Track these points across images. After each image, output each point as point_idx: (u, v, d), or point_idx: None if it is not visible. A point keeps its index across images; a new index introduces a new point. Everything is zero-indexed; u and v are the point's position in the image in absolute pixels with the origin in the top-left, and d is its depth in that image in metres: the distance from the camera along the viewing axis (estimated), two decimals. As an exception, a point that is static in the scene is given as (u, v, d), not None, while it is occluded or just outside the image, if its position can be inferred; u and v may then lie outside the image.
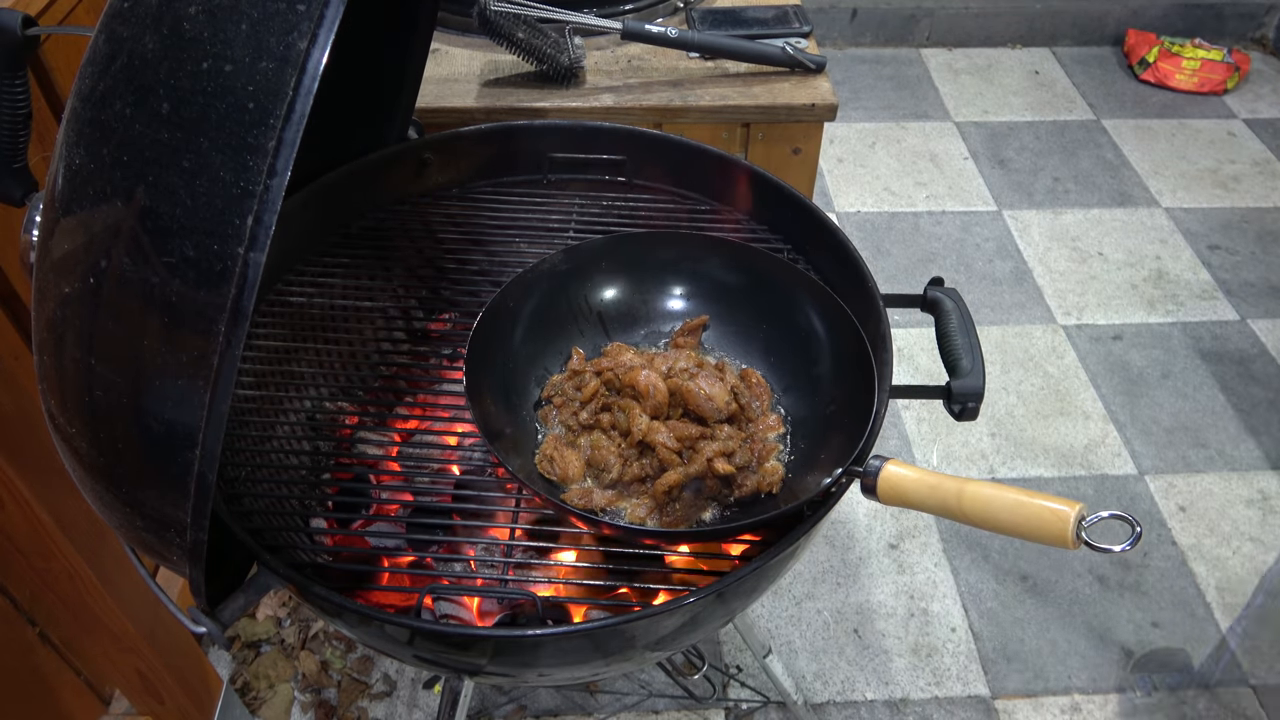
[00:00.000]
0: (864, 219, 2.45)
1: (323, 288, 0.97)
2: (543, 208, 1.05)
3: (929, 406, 1.97)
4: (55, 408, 0.58)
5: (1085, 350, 2.11)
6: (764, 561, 0.71)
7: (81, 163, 0.53)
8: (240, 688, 1.48)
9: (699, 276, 0.95)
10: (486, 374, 0.84)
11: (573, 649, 0.74)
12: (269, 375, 0.89)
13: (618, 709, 1.48)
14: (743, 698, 1.50)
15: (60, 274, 0.55)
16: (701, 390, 0.83)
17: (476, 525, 0.87)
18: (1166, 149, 2.71)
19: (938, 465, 1.88)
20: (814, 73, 1.27)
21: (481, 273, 0.99)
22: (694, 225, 1.03)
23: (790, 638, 1.60)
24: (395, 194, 1.06)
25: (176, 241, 0.50)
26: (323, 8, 0.49)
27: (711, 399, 0.83)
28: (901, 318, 2.10)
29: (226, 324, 0.49)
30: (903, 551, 1.73)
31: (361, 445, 0.91)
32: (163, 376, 0.52)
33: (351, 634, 0.79)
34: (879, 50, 3.09)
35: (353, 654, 1.55)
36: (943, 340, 0.84)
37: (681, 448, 0.81)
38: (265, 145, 0.48)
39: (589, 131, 1.07)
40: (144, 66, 0.52)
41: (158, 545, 0.59)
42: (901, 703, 1.52)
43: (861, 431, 0.76)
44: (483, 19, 1.18)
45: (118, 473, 0.57)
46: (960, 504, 0.63)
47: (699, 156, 1.04)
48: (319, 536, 0.82)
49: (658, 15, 1.39)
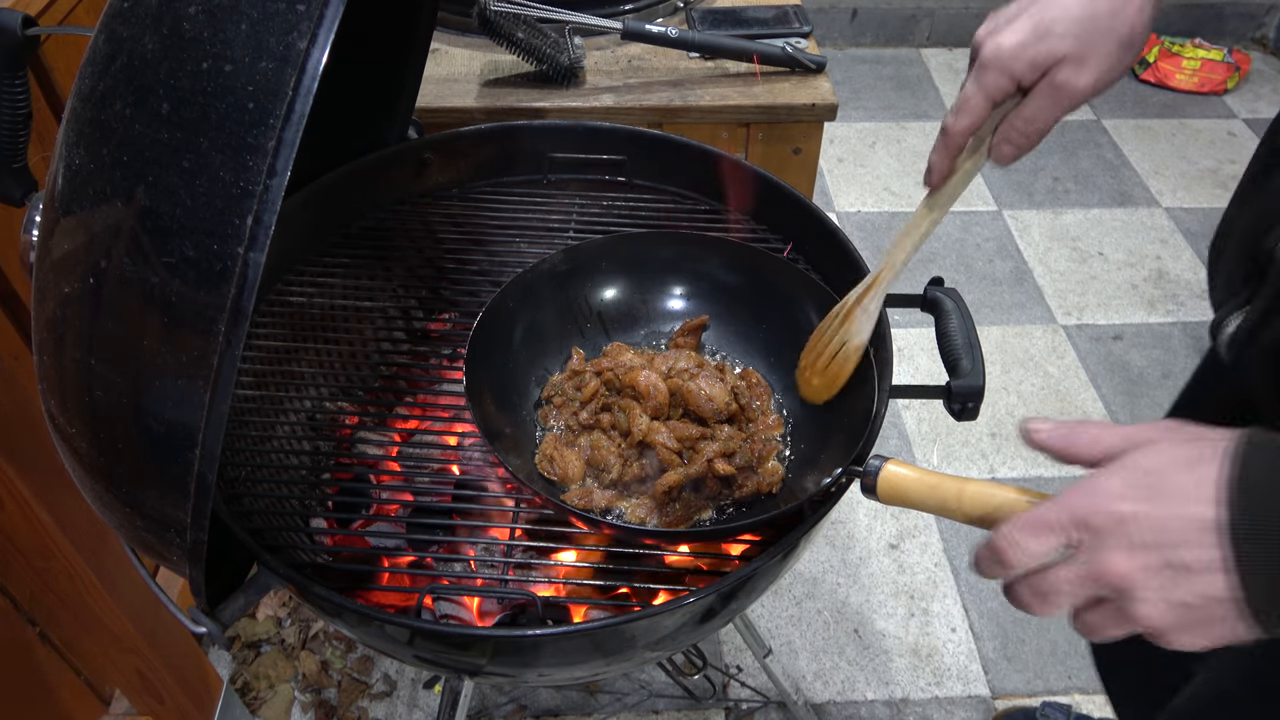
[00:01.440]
0: (864, 219, 2.45)
1: (323, 288, 0.97)
2: (543, 208, 1.05)
3: (929, 406, 1.97)
4: (55, 408, 0.58)
5: (1085, 350, 2.11)
6: (764, 561, 0.71)
7: (81, 163, 0.53)
8: (240, 688, 1.48)
9: (699, 276, 0.95)
10: (486, 374, 0.84)
11: (573, 649, 0.74)
12: (269, 375, 0.89)
13: (618, 709, 1.48)
14: (743, 698, 1.50)
15: (60, 274, 0.55)
16: (702, 391, 0.83)
17: (476, 525, 0.87)
18: (1167, 149, 2.71)
19: (938, 465, 1.88)
20: (814, 73, 1.27)
21: (481, 273, 0.99)
22: (694, 225, 1.03)
23: (790, 638, 1.60)
24: (395, 194, 1.06)
25: (176, 241, 0.50)
26: (322, 8, 0.49)
27: (712, 399, 0.83)
28: (901, 318, 2.10)
29: (226, 324, 0.49)
30: (903, 551, 1.73)
31: (361, 445, 0.91)
32: (163, 376, 0.52)
33: (351, 634, 0.79)
34: (879, 50, 3.09)
35: (353, 654, 1.55)
36: (943, 340, 0.84)
37: (681, 448, 0.81)
38: (265, 145, 0.48)
39: (589, 131, 1.07)
40: (144, 66, 0.52)
41: (158, 545, 0.59)
42: (901, 703, 1.52)
43: (861, 431, 0.76)
44: (483, 19, 1.18)
45: (118, 473, 0.57)
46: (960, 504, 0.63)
47: (699, 156, 1.04)
48: (319, 536, 0.82)
49: (658, 15, 1.39)
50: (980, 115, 0.66)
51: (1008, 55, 0.63)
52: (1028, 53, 0.62)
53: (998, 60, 0.63)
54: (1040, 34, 0.62)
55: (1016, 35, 0.62)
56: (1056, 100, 0.64)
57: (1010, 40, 0.62)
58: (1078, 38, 0.62)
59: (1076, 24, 0.62)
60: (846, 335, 0.81)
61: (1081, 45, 0.62)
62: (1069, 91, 0.63)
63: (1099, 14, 0.62)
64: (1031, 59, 0.62)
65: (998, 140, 0.67)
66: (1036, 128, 0.65)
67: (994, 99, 0.65)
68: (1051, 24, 0.62)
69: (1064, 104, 0.64)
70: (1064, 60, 0.62)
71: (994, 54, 0.63)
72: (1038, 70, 0.63)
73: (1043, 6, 0.63)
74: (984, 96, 0.64)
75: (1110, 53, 0.62)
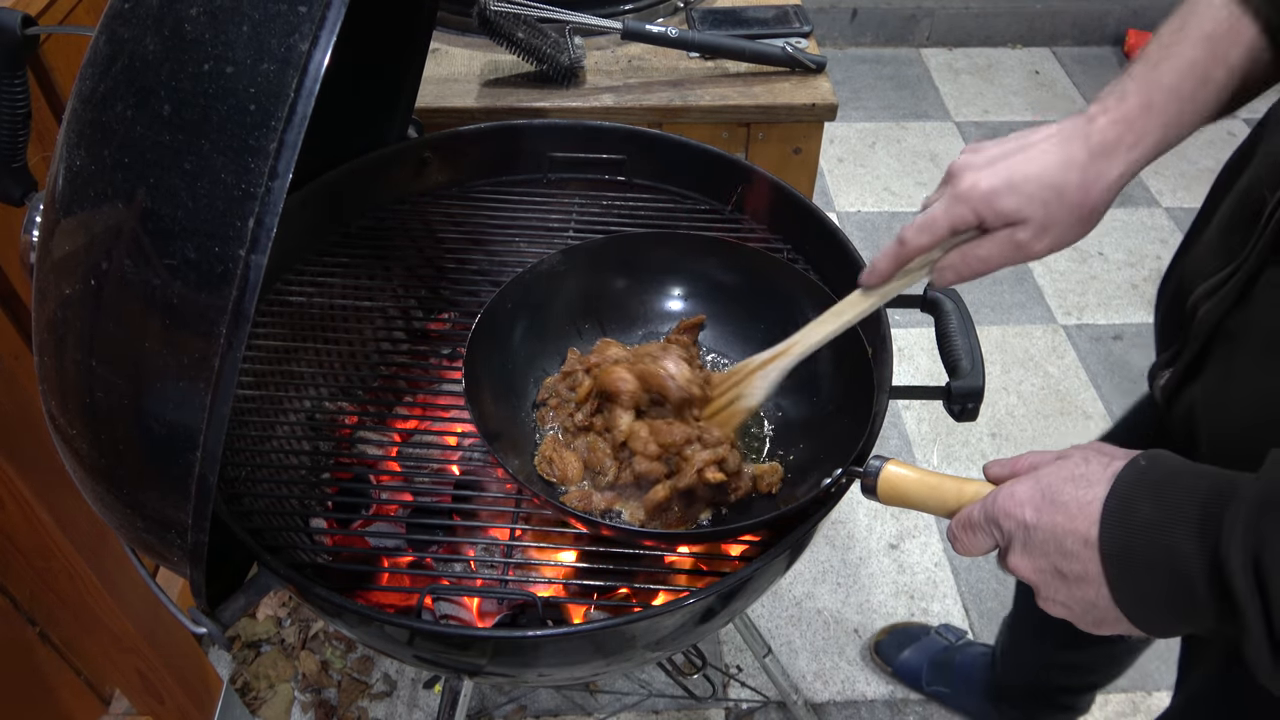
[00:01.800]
0: (864, 219, 2.45)
1: (323, 287, 0.97)
2: (543, 207, 1.05)
3: (929, 406, 1.97)
4: (56, 409, 0.58)
5: (1085, 350, 2.11)
6: (764, 561, 0.71)
7: (82, 164, 0.53)
8: (240, 688, 1.48)
9: (697, 277, 0.95)
10: (486, 374, 0.84)
11: (573, 649, 0.74)
12: (269, 375, 0.89)
13: (618, 709, 1.48)
14: (743, 698, 1.50)
15: (61, 275, 0.55)
16: (663, 370, 0.82)
17: (476, 525, 0.87)
18: (1166, 149, 2.71)
19: (938, 465, 1.88)
20: (814, 73, 1.27)
21: (481, 273, 0.99)
22: (694, 225, 1.03)
23: (790, 638, 1.60)
24: (395, 193, 1.06)
25: (178, 243, 0.50)
26: (324, 10, 0.49)
27: (673, 376, 0.82)
28: (901, 318, 2.10)
29: (228, 326, 0.49)
30: (903, 551, 1.73)
31: (361, 445, 0.91)
32: (164, 378, 0.52)
33: (351, 634, 0.79)
34: (879, 50, 3.09)
35: (353, 654, 1.55)
36: (942, 340, 0.84)
37: (664, 453, 0.80)
38: (267, 147, 0.48)
39: (589, 131, 1.07)
40: (145, 68, 0.52)
41: (158, 546, 0.59)
42: (902, 703, 1.52)
43: (861, 431, 0.76)
44: (483, 19, 1.18)
45: (118, 474, 0.57)
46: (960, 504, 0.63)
47: (699, 156, 1.04)
48: (319, 536, 0.82)
49: (658, 15, 1.39)
50: (940, 239, 0.69)
51: (979, 198, 0.66)
52: (1000, 202, 0.65)
53: (970, 199, 0.66)
54: (1013, 186, 0.65)
55: (992, 181, 0.65)
56: (1012, 254, 0.68)
57: (986, 184, 0.66)
58: (1045, 205, 0.65)
59: (1046, 190, 0.65)
60: (739, 394, 0.82)
61: (1046, 215, 0.65)
62: (1026, 252, 0.67)
63: (1069, 187, 0.65)
64: (1000, 210, 0.66)
65: (944, 265, 0.70)
66: (987, 267, 0.69)
67: (957, 230, 0.68)
68: (1024, 182, 0.65)
69: (1017, 259, 0.68)
70: (1027, 222, 0.66)
71: (968, 191, 0.66)
72: (1002, 220, 0.66)
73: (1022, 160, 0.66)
74: (949, 225, 0.68)
75: (1070, 226, 0.66)
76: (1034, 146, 0.66)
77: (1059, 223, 0.66)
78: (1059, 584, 0.56)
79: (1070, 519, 0.54)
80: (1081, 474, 0.55)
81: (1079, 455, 0.57)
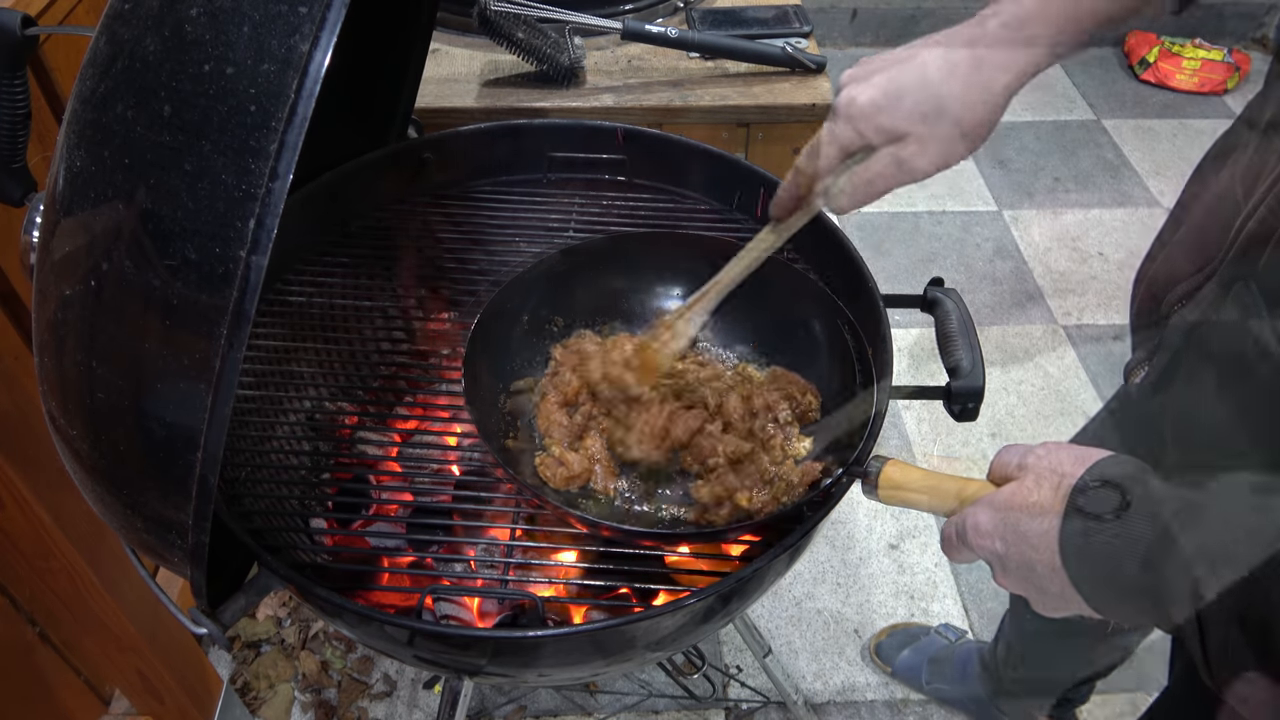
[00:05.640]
0: (864, 219, 2.45)
1: (322, 287, 0.97)
2: (543, 207, 1.05)
3: (929, 406, 1.97)
4: (56, 409, 0.58)
5: (1085, 350, 2.11)
6: (764, 561, 0.71)
7: (83, 165, 0.53)
8: (240, 688, 1.48)
9: (698, 277, 0.95)
10: (485, 374, 0.84)
11: (573, 649, 0.74)
12: (269, 375, 0.89)
13: (618, 709, 1.48)
14: (743, 698, 1.50)
15: (61, 275, 0.55)
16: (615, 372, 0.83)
17: (476, 525, 0.87)
18: (1167, 149, 2.71)
19: (938, 465, 1.88)
20: (814, 73, 1.27)
21: (481, 272, 0.99)
22: (694, 225, 1.03)
23: (790, 638, 1.60)
24: (395, 193, 1.06)
25: (178, 244, 0.50)
26: (324, 10, 0.49)
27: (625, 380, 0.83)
28: (901, 318, 2.10)
29: (228, 327, 0.49)
30: (903, 551, 1.73)
31: (361, 445, 0.91)
32: (164, 379, 0.52)
33: (351, 634, 0.79)
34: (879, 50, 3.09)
35: (353, 654, 1.55)
36: (943, 340, 0.84)
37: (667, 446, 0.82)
38: (267, 148, 0.48)
39: (589, 131, 1.07)
40: (145, 69, 0.52)
41: (159, 547, 0.59)
42: (902, 703, 1.52)
43: (861, 431, 0.76)
44: (483, 19, 1.18)
45: (119, 475, 0.57)
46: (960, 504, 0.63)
47: (699, 156, 1.04)
48: (319, 537, 0.82)
49: (658, 15, 1.39)
50: (831, 163, 0.67)
51: (858, 113, 0.64)
52: (878, 117, 0.63)
53: (849, 114, 0.64)
54: (891, 97, 0.63)
55: (870, 94, 0.63)
56: (897, 173, 0.65)
57: (864, 98, 0.63)
58: (924, 118, 0.62)
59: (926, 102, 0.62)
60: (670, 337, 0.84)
61: (926, 127, 0.62)
62: (909, 169, 0.65)
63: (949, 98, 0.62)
64: (879, 125, 0.63)
65: (837, 189, 0.68)
66: (877, 189, 0.67)
67: (846, 150, 0.66)
68: (903, 91, 0.62)
69: (904, 179, 0.66)
70: (908, 138, 0.63)
71: (846, 106, 0.64)
72: (884, 137, 0.64)
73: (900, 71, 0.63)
74: (837, 147, 0.66)
75: (951, 139, 0.63)
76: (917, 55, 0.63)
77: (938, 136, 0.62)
78: (1044, 598, 0.57)
79: (1035, 550, 0.55)
80: (1035, 502, 0.56)
81: (1032, 478, 0.57)
